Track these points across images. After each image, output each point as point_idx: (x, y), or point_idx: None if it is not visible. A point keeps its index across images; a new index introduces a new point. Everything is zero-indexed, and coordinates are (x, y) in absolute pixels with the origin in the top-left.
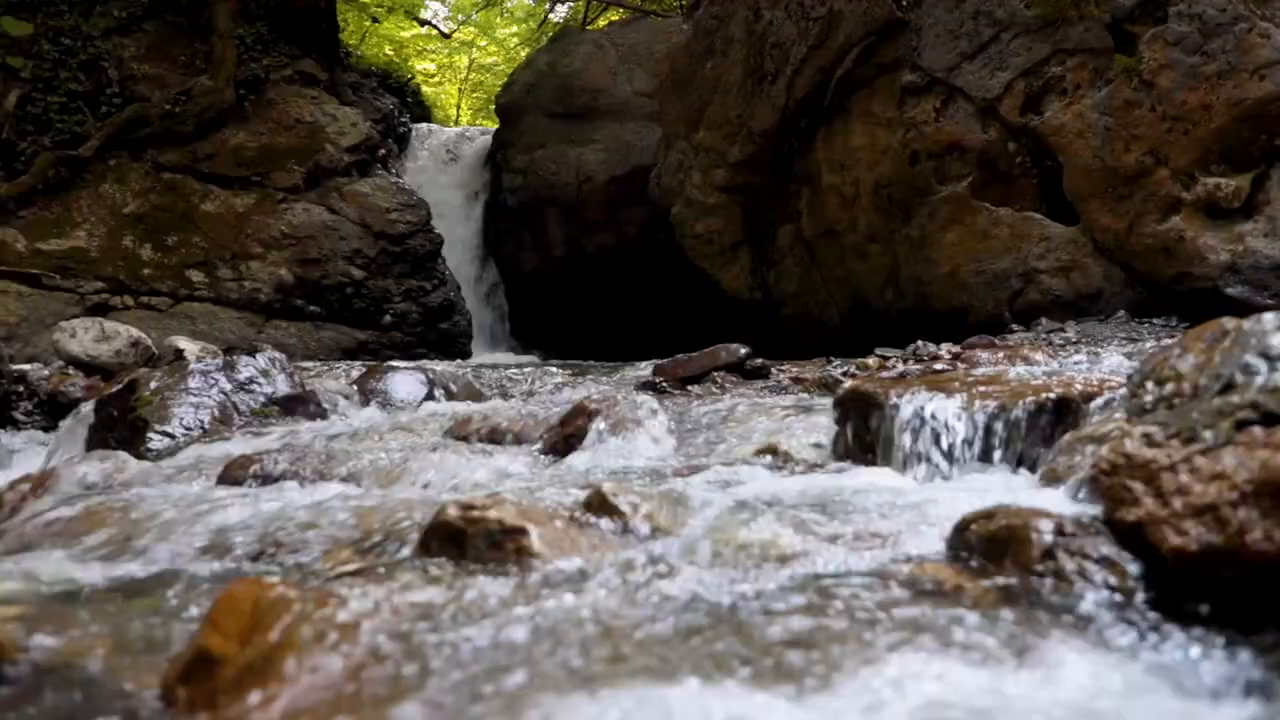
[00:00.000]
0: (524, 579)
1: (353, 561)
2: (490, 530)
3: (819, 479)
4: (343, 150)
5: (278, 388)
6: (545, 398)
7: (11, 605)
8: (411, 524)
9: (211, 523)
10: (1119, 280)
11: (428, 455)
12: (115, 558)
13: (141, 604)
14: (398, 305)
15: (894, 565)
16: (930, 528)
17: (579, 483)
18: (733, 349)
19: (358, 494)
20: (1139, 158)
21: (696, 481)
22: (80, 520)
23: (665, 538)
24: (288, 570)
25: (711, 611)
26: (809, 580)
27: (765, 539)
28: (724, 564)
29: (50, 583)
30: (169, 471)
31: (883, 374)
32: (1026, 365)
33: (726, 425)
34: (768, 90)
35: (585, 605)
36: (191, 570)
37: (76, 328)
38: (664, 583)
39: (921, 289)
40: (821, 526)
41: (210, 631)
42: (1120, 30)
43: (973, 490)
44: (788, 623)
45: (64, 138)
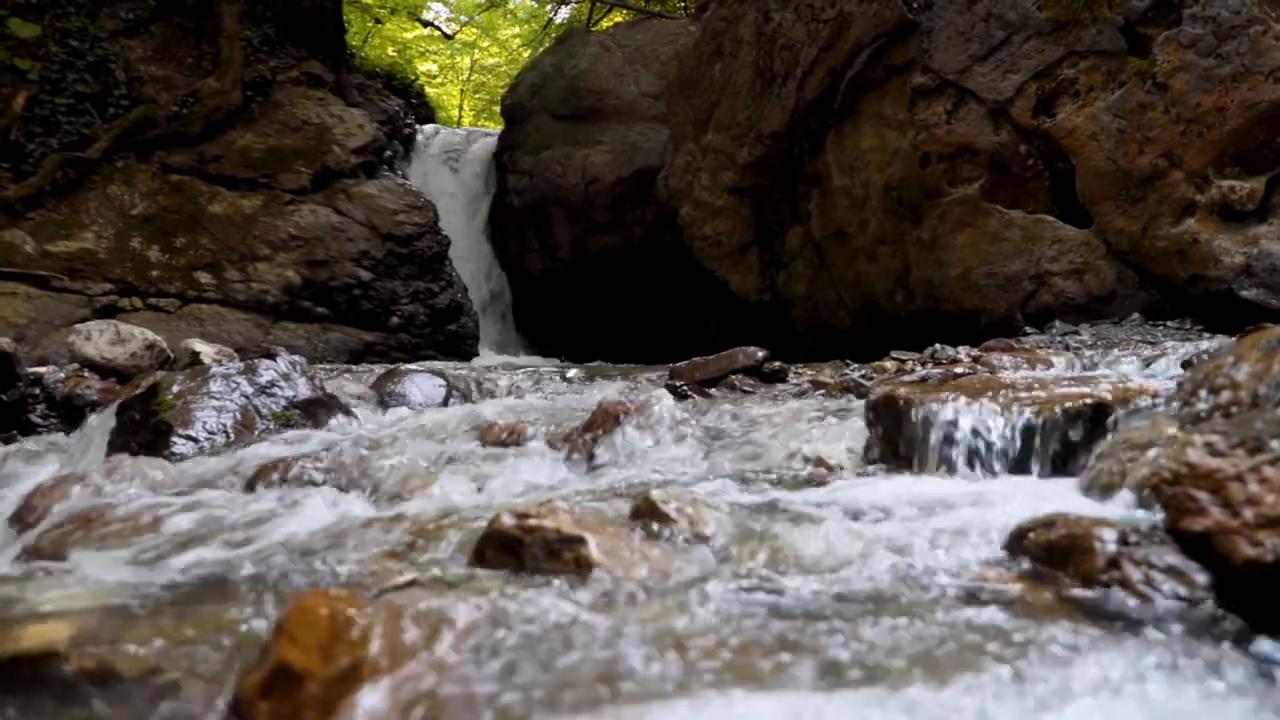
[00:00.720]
0: (588, 589)
1: (407, 571)
2: (548, 539)
3: (857, 484)
4: (350, 152)
5: (299, 391)
6: (564, 400)
7: (61, 615)
8: (457, 532)
9: (251, 530)
10: (1132, 283)
11: (456, 460)
12: (158, 564)
13: (194, 613)
14: (405, 307)
15: (952, 574)
16: (981, 535)
17: (614, 488)
18: (750, 352)
19: (393, 500)
20: (1153, 160)
21: (735, 488)
22: (116, 526)
23: (716, 545)
24: (340, 579)
25: (780, 620)
26: (870, 589)
27: (819, 547)
28: (782, 572)
29: (96, 591)
30: (198, 477)
31: (904, 377)
32: (1049, 369)
33: (753, 429)
34: (777, 92)
35: (655, 615)
36: (239, 578)
37: (91, 330)
38: (726, 591)
39: (932, 291)
40: (869, 533)
41: (288, 645)
42: (1133, 33)
43: (1016, 497)
44: (859, 633)
45: (72, 139)
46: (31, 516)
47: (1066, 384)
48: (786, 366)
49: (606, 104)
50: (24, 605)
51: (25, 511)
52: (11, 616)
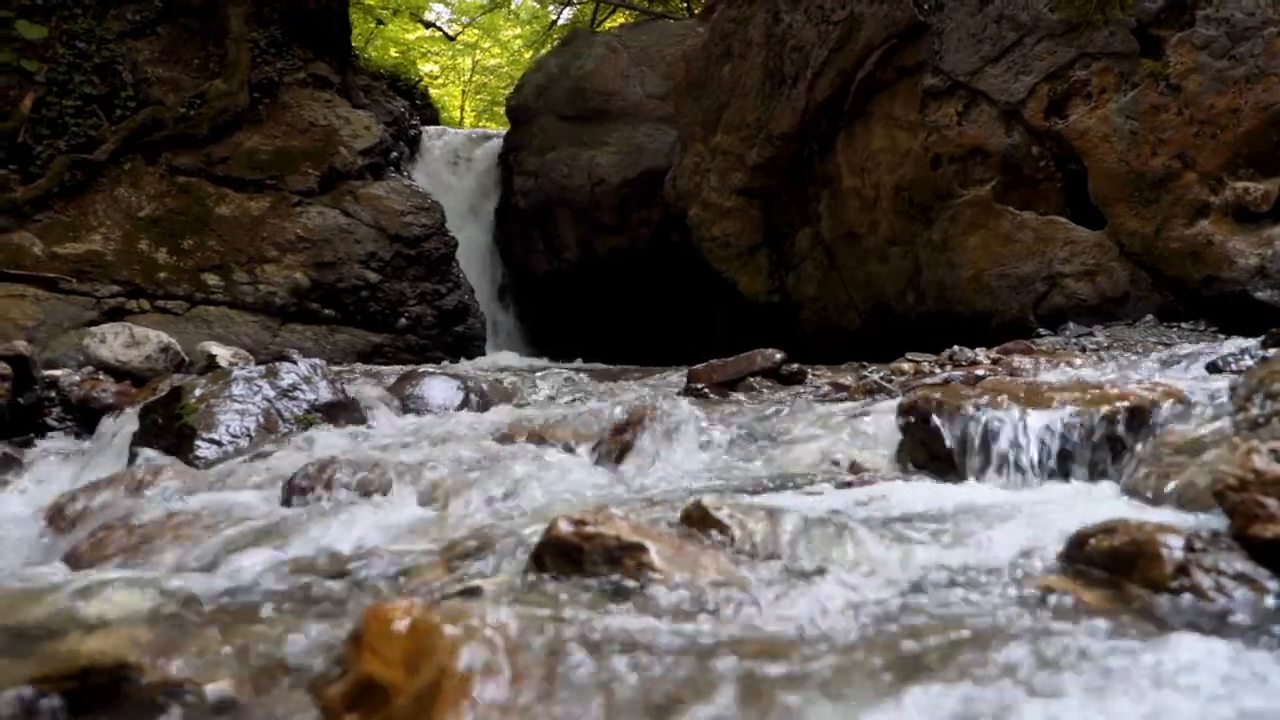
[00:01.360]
0: (657, 597)
1: (467, 579)
2: (608, 547)
3: (898, 489)
4: (356, 153)
5: (320, 394)
6: (583, 403)
7: (117, 625)
8: (507, 538)
9: (295, 536)
10: (1145, 284)
11: (486, 464)
12: (204, 572)
13: (252, 622)
14: (413, 308)
15: (1016, 580)
16: (1034, 541)
17: (652, 493)
18: (768, 354)
19: (431, 505)
20: (1166, 162)
21: (774, 492)
22: (155, 532)
23: (770, 552)
24: (398, 588)
25: (856, 628)
26: (938, 595)
27: (875, 553)
28: (843, 580)
29: (147, 599)
30: (230, 481)
31: (927, 380)
32: (1073, 371)
33: (780, 433)
34: (787, 93)
35: (730, 623)
36: (291, 586)
37: (106, 333)
38: (794, 599)
39: (944, 293)
40: (921, 539)
41: (370, 658)
42: (1146, 34)
43: (1060, 502)
44: (939, 640)
45: (79, 141)
46: (64, 522)
47: (1099, 387)
48: (805, 369)
49: (612, 105)
50: (76, 614)
51: (58, 517)
52: (65, 626)
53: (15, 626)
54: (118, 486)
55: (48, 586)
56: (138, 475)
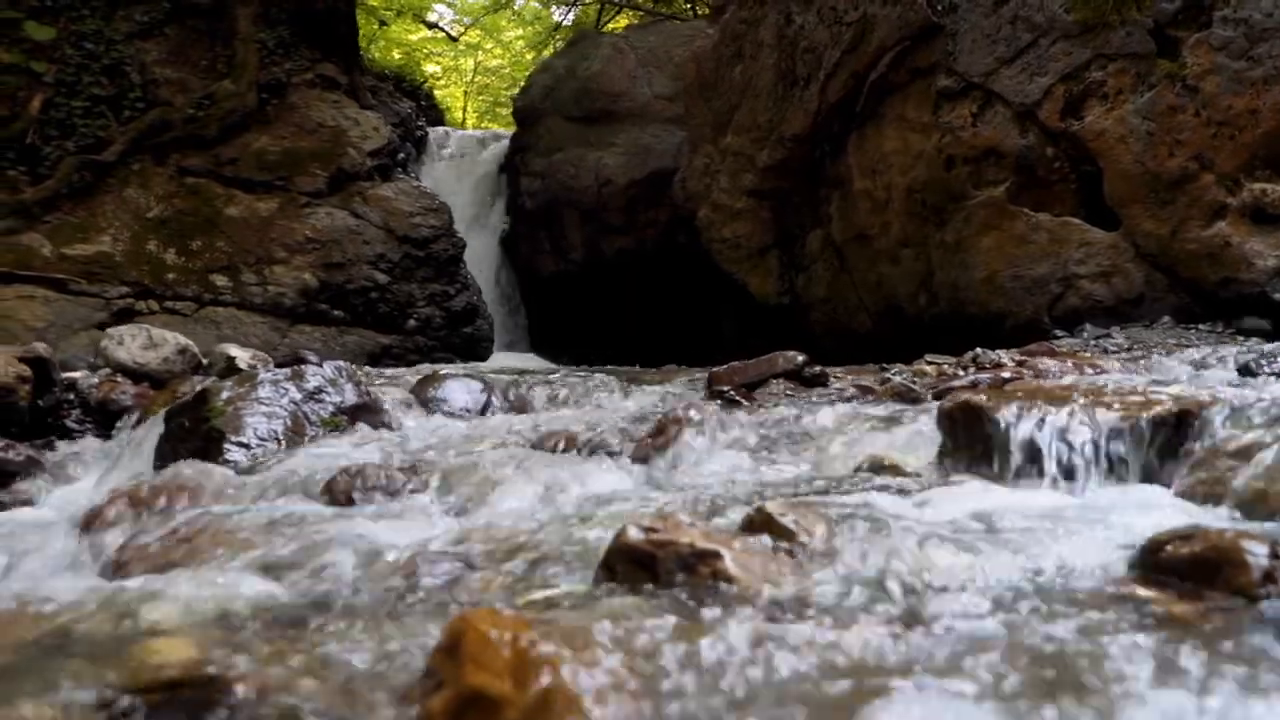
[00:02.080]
0: (739, 607)
1: (539, 587)
2: (681, 554)
3: (947, 494)
4: (365, 154)
5: (346, 397)
6: (607, 406)
7: (189, 632)
8: (567, 544)
9: (345, 540)
10: (1161, 286)
11: (523, 467)
12: (258, 578)
13: (325, 629)
14: (422, 309)
15: (1096, 590)
16: (1101, 547)
17: (698, 497)
18: (789, 356)
19: (478, 509)
20: (1183, 163)
21: (823, 496)
22: (202, 537)
23: (838, 559)
24: (470, 595)
25: (945, 641)
26: (1017, 607)
27: (944, 561)
28: (920, 589)
29: (204, 607)
30: (267, 485)
31: (955, 382)
32: (1101, 374)
33: (816, 436)
34: (799, 95)
35: (821, 634)
36: (355, 592)
37: (124, 335)
38: (876, 609)
39: (957, 294)
40: (986, 545)
41: (474, 669)
42: (1162, 35)
43: (1116, 507)
44: (1032, 656)
45: (88, 142)
46: (102, 528)
47: (1142, 391)
48: (826, 371)
49: (620, 106)
50: (139, 623)
51: (95, 522)
52: (132, 635)
53: (81, 635)
54: (154, 491)
55: (102, 594)
56: (173, 480)
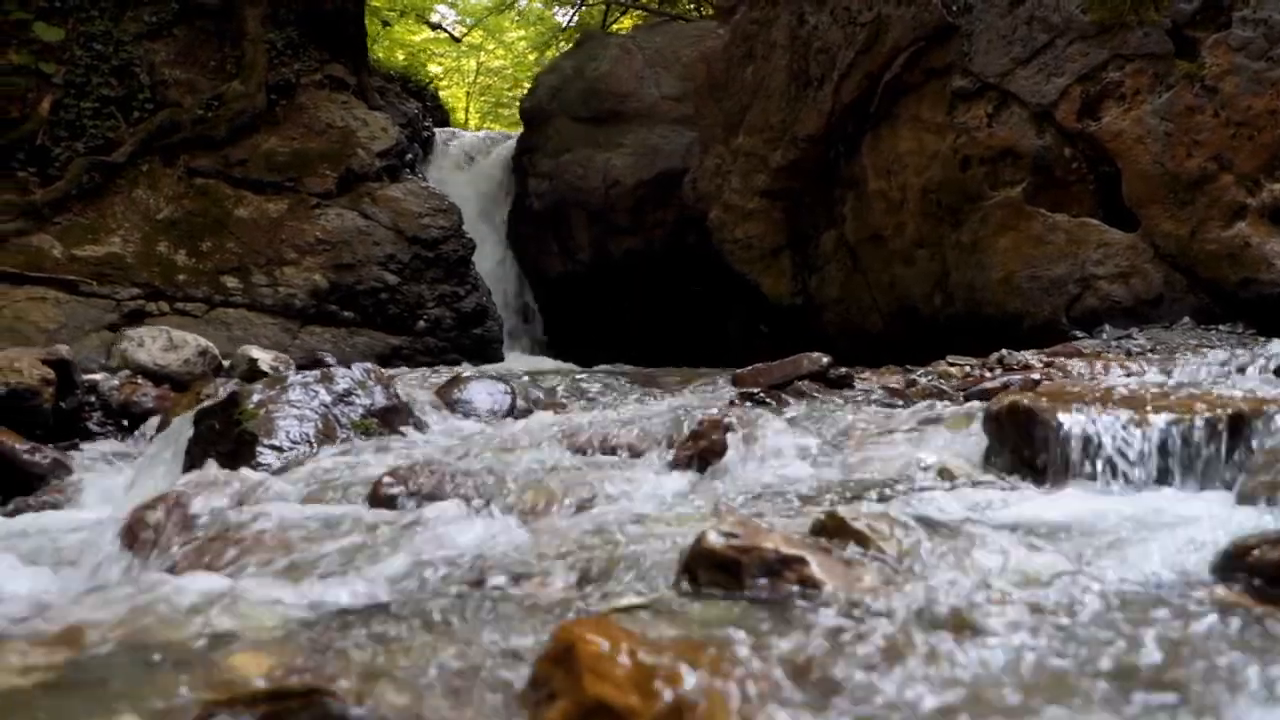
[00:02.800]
0: (832, 613)
1: (619, 595)
2: (766, 559)
3: (1003, 496)
4: (374, 155)
5: (375, 399)
6: (634, 408)
7: (266, 641)
8: (634, 549)
9: (402, 545)
10: (1180, 286)
11: (563, 470)
12: (329, 583)
13: (407, 638)
14: (431, 310)
15: (1184, 596)
16: (1177, 551)
17: (748, 501)
18: (814, 357)
19: (525, 514)
20: (1202, 163)
21: (877, 500)
22: (253, 544)
23: (912, 563)
24: (549, 601)
25: (1042, 645)
26: (1106, 613)
27: (1026, 565)
28: (1003, 593)
29: (284, 613)
30: (307, 488)
31: (986, 384)
32: (1135, 376)
33: (857, 439)
34: (813, 95)
35: (922, 639)
36: (426, 598)
37: (144, 336)
38: (965, 613)
39: (973, 295)
40: (1058, 549)
41: (593, 680)
42: (1181, 35)
43: (1176, 510)
44: (1134, 663)
45: (97, 143)
46: (145, 533)
47: (1191, 393)
48: (852, 372)
49: (627, 106)
50: (208, 631)
51: (137, 527)
52: (204, 643)
53: (157, 644)
54: (196, 495)
55: (166, 601)
56: (214, 483)
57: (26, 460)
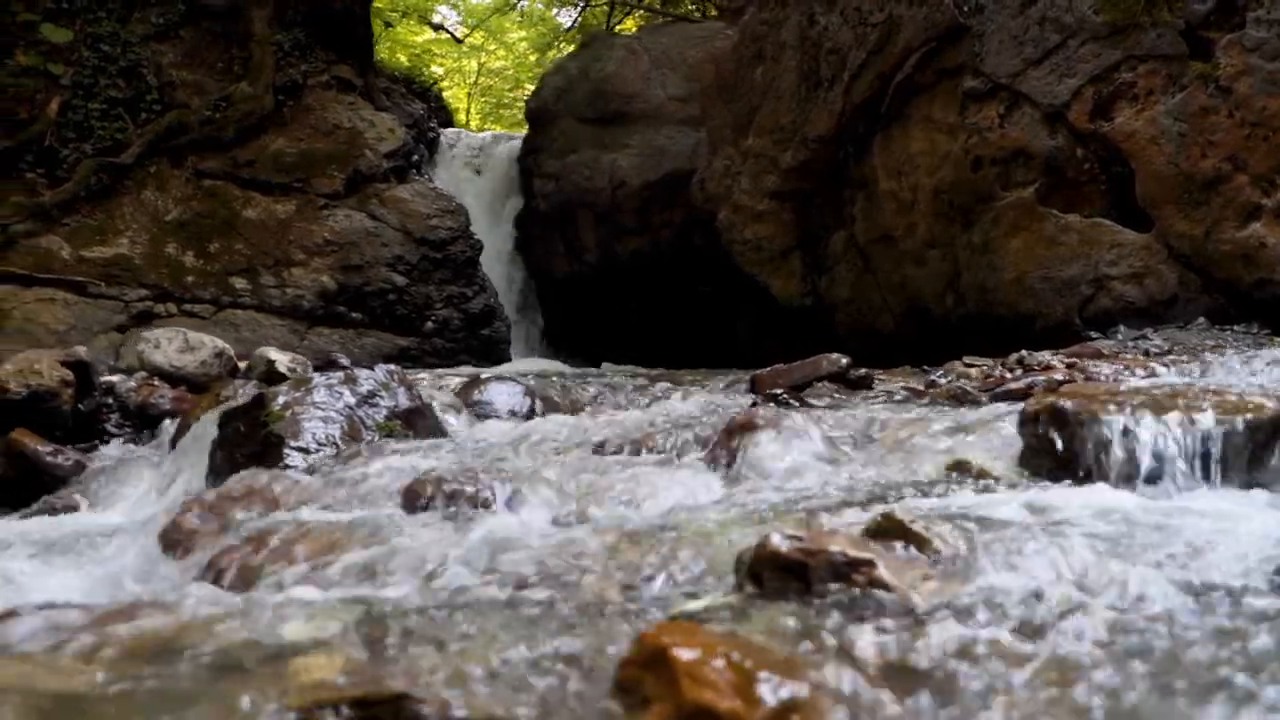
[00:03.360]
0: (911, 615)
1: (684, 599)
2: (834, 562)
3: (1052, 498)
4: (381, 156)
5: (399, 401)
6: (654, 409)
7: (331, 645)
8: (687, 552)
9: (449, 549)
10: (1194, 286)
11: (598, 472)
12: (378, 585)
13: (470, 641)
14: (439, 311)
15: (1240, 594)
16: (1239, 554)
17: (791, 502)
18: (834, 359)
19: (565, 516)
20: (1216, 164)
21: (921, 502)
22: (296, 547)
23: (977, 565)
24: (609, 605)
25: (1132, 647)
26: (1179, 614)
27: (1088, 567)
28: (1076, 596)
29: (343, 617)
30: (339, 491)
31: (1011, 384)
32: (1155, 376)
33: (887, 440)
34: (823, 96)
35: (1014, 642)
36: (493, 600)
37: (160, 338)
38: (1041, 616)
39: (985, 296)
40: (1119, 551)
41: (692, 684)
42: (1194, 36)
43: (1225, 512)
44: (1211, 662)
45: (105, 144)
46: (184, 536)
47: (1230, 393)
48: (871, 373)
49: (634, 107)
50: (269, 636)
51: (175, 531)
52: (269, 649)
53: (220, 651)
54: (230, 498)
55: (220, 608)
56: (246, 486)
57: (49, 462)
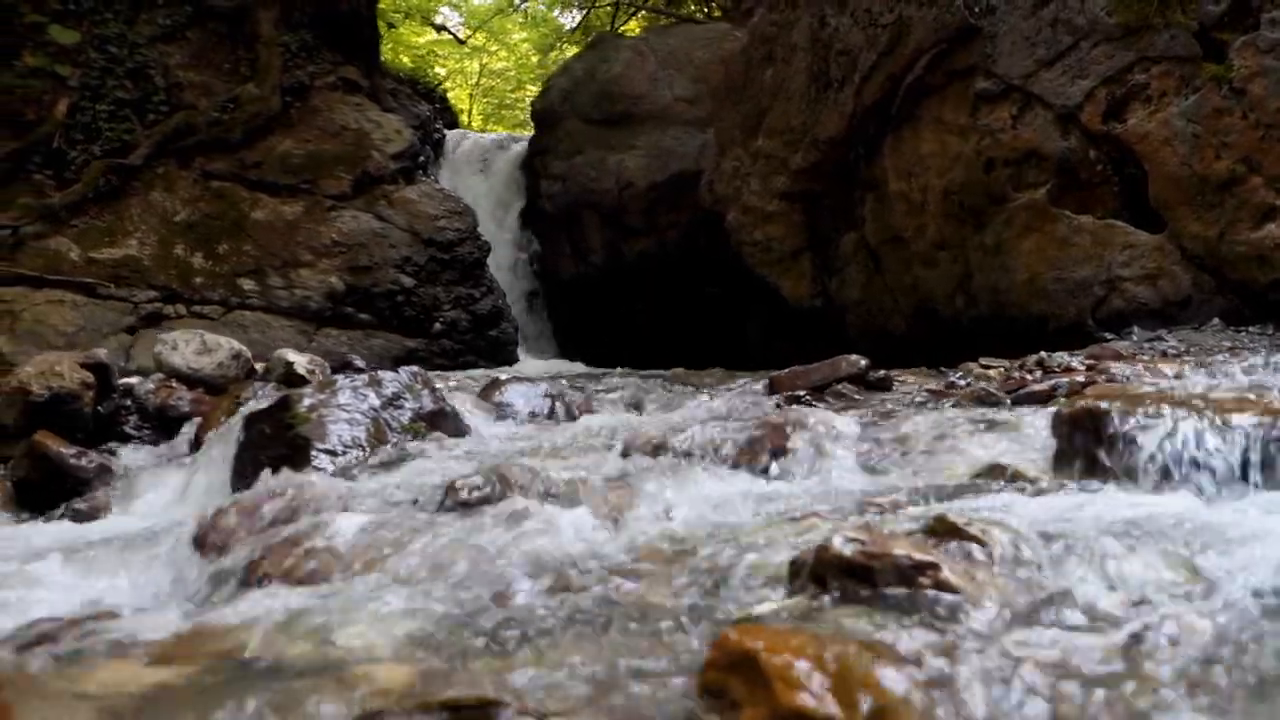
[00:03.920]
0: (981, 616)
1: (749, 602)
2: (899, 565)
3: (1093, 500)
4: (388, 157)
5: (423, 403)
6: (676, 411)
7: (393, 652)
8: (740, 554)
9: (496, 552)
10: (1209, 288)
11: (632, 475)
12: (431, 590)
13: (537, 646)
14: (447, 313)
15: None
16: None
17: (840, 505)
18: (852, 360)
19: (606, 519)
20: (1230, 165)
21: (962, 504)
22: (341, 549)
23: (1035, 567)
24: (673, 608)
25: (1201, 645)
26: (1257, 620)
27: (1144, 570)
28: (1136, 598)
29: (404, 623)
30: (374, 493)
31: (1033, 386)
32: (1187, 379)
33: (912, 441)
34: (834, 97)
35: (1077, 644)
36: (539, 606)
37: (177, 340)
38: (1113, 618)
39: (997, 297)
40: (1183, 553)
41: (785, 688)
42: (1208, 37)
43: (1272, 513)
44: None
45: (113, 146)
46: (220, 540)
47: (1267, 396)
48: (890, 375)
49: (640, 108)
50: (329, 643)
51: (211, 534)
52: (332, 656)
53: (279, 657)
54: (265, 501)
55: (271, 613)
56: (281, 489)
57: (73, 465)
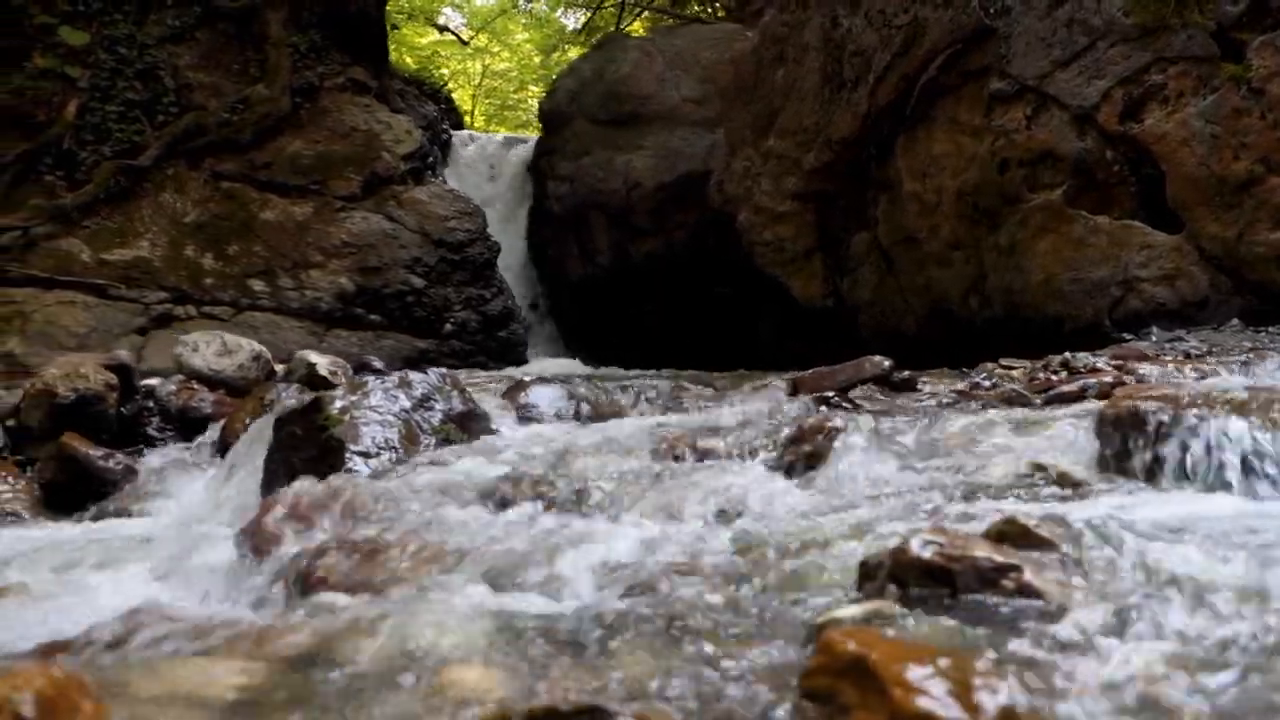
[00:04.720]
0: (1070, 620)
1: (831, 606)
2: (980, 568)
3: (1144, 501)
4: (398, 158)
5: (453, 405)
6: (701, 412)
7: (477, 657)
8: (802, 558)
9: (558, 552)
10: (1227, 288)
11: (671, 478)
12: (501, 592)
13: (620, 650)
14: (458, 313)
15: None
16: None
17: (893, 507)
18: (876, 361)
19: (662, 522)
20: (1249, 166)
21: (1013, 505)
22: (397, 553)
23: (1108, 570)
24: (756, 610)
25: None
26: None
27: (1217, 571)
28: (1221, 603)
29: (482, 626)
30: (419, 495)
31: (1063, 387)
32: (1206, 377)
33: (949, 442)
34: (847, 97)
35: (1172, 649)
36: (614, 608)
37: (198, 342)
38: (1201, 622)
39: (1011, 298)
40: (1258, 554)
41: (904, 693)
42: (1226, 38)
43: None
44: None
45: (123, 147)
46: (268, 540)
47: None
48: (915, 376)
49: (648, 109)
50: (409, 647)
51: (258, 536)
52: (413, 661)
53: (358, 662)
54: (311, 503)
55: (341, 618)
56: (325, 491)
57: (100, 466)
